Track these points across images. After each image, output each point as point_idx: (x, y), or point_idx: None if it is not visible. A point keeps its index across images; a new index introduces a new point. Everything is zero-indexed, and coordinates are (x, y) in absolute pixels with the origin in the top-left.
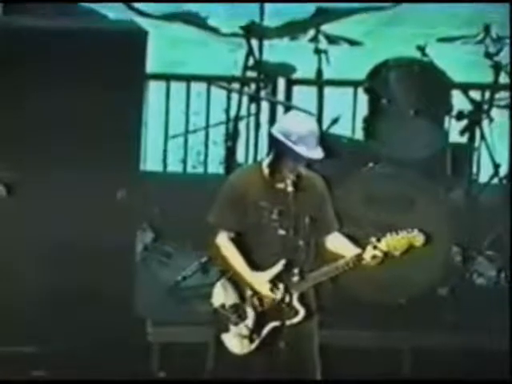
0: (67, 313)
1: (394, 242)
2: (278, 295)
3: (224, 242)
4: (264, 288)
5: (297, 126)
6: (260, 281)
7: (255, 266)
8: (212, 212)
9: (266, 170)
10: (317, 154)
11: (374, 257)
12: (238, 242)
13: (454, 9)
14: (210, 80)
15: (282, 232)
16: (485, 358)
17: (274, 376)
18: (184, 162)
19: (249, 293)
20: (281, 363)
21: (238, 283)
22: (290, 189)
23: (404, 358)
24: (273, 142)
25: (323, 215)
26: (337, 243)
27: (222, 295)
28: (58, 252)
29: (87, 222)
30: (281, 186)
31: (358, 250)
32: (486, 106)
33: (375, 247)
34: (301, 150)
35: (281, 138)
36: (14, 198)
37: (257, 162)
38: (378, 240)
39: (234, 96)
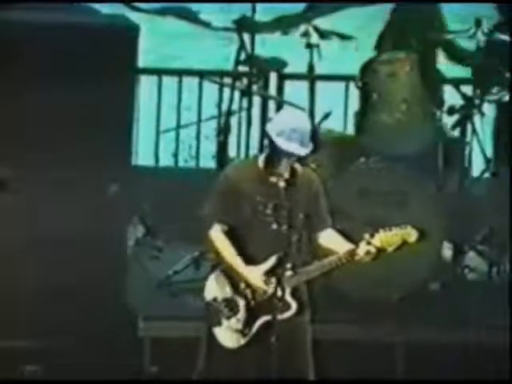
0: (58, 307)
1: (387, 238)
2: (271, 288)
3: (218, 235)
4: (257, 281)
5: (285, 123)
6: (253, 274)
7: (248, 259)
8: (206, 205)
9: (261, 165)
10: (298, 149)
11: (367, 253)
12: (232, 235)
13: (446, 3)
14: (201, 74)
15: (275, 226)
16: (476, 352)
17: (265, 370)
18: (176, 156)
19: (241, 286)
20: (272, 357)
21: (230, 277)
22: (281, 184)
23: (397, 352)
24: (267, 137)
25: (316, 211)
26: (330, 239)
27: (214, 289)
28: (49, 247)
29: (79, 216)
30: (274, 180)
31: (351, 246)
32: (477, 101)
33: (368, 243)
34: (285, 145)
35: (270, 134)
36: (6, 194)
37: (253, 156)
38: (372, 236)
39: (226, 90)
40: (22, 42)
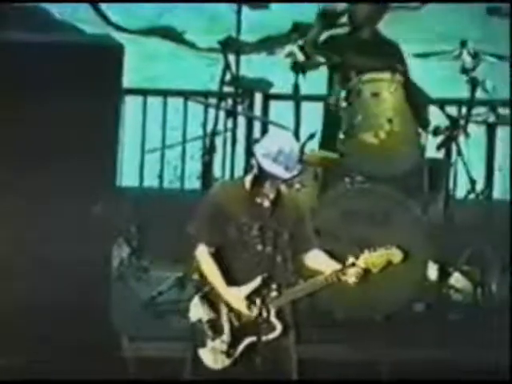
0: (42, 327)
1: (372, 258)
2: (254, 312)
3: (203, 256)
4: (240, 305)
5: (272, 145)
6: (237, 297)
7: (233, 281)
8: (192, 226)
9: (247, 186)
10: (283, 172)
11: (352, 274)
12: (218, 256)
13: (430, 24)
14: (186, 95)
15: (260, 247)
16: (461, 372)
17: None
18: (160, 177)
19: (225, 308)
20: (257, 378)
21: (214, 298)
22: (266, 204)
23: (382, 372)
24: (254, 158)
25: (301, 232)
26: (316, 260)
27: (199, 310)
28: (33, 267)
29: (63, 237)
30: (259, 201)
31: (336, 267)
32: (462, 122)
33: (354, 264)
34: (270, 167)
35: (257, 155)
36: None
37: (239, 177)
38: (357, 257)
39: (211, 111)
40: (4, 61)
